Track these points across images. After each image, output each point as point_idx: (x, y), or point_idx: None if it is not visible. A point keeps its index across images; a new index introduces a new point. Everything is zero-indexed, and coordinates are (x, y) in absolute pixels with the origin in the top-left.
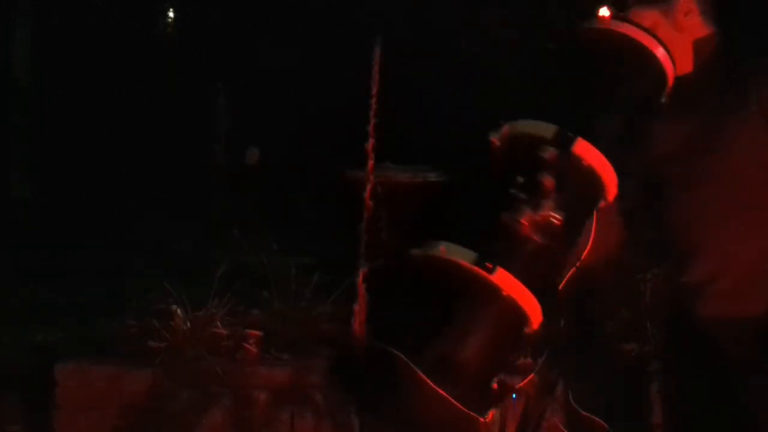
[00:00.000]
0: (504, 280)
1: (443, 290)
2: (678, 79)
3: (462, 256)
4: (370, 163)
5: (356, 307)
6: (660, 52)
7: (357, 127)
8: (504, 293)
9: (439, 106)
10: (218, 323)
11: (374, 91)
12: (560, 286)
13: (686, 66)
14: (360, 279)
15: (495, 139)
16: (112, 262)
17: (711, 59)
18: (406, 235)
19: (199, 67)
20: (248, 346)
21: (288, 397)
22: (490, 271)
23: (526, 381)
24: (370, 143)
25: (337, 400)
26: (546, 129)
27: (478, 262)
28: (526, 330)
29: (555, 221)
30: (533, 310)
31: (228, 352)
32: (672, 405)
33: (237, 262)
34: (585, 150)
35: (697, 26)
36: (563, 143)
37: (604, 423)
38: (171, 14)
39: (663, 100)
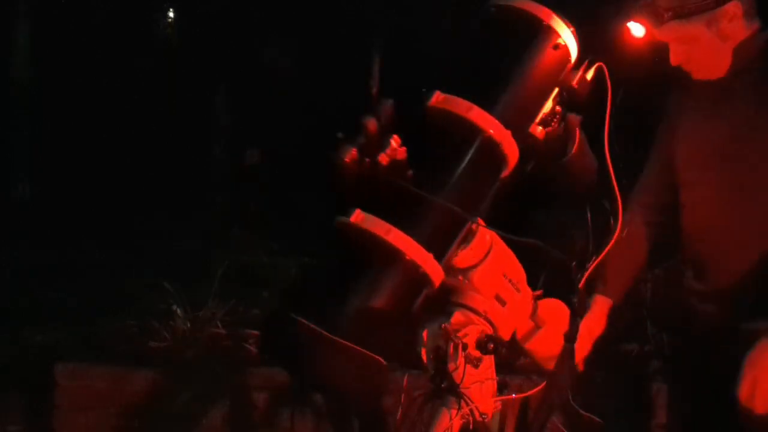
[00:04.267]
0: (399, 239)
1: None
2: (711, 84)
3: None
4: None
5: None
6: (565, 33)
7: (357, 126)
8: (389, 243)
9: None
10: (218, 323)
11: (375, 89)
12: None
13: (721, 71)
14: None
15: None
16: (112, 262)
17: (753, 60)
18: None
19: (199, 66)
20: (248, 346)
21: (288, 397)
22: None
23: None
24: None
25: (337, 401)
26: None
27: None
28: (427, 285)
29: (394, 155)
30: (432, 268)
31: (228, 352)
32: (675, 405)
33: (237, 262)
34: (446, 102)
35: (740, 29)
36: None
37: (604, 423)
38: (171, 14)
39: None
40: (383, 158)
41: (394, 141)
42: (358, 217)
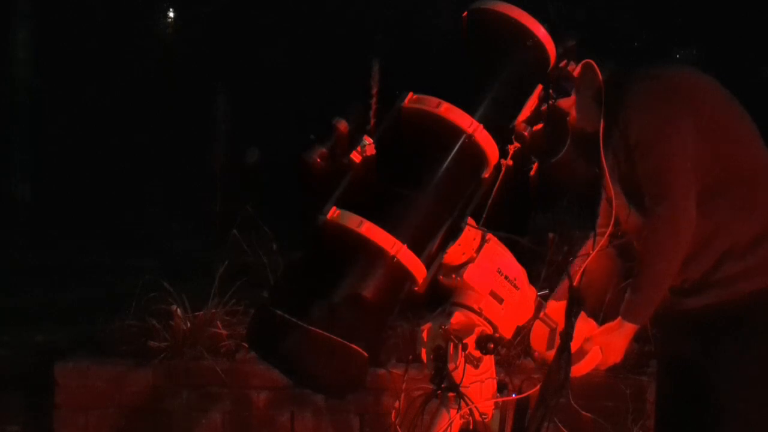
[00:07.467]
0: (371, 230)
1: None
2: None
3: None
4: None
5: None
6: (541, 32)
7: (357, 126)
8: (367, 237)
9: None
10: (218, 323)
11: (374, 90)
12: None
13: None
14: None
15: None
16: (112, 262)
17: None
18: None
19: (199, 66)
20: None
21: (288, 397)
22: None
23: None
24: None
25: (336, 400)
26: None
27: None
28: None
29: (365, 153)
30: (407, 258)
31: (228, 352)
32: (660, 399)
33: (237, 262)
34: (418, 101)
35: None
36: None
37: (604, 423)
38: (171, 14)
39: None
40: (355, 156)
41: (366, 140)
42: (333, 213)
